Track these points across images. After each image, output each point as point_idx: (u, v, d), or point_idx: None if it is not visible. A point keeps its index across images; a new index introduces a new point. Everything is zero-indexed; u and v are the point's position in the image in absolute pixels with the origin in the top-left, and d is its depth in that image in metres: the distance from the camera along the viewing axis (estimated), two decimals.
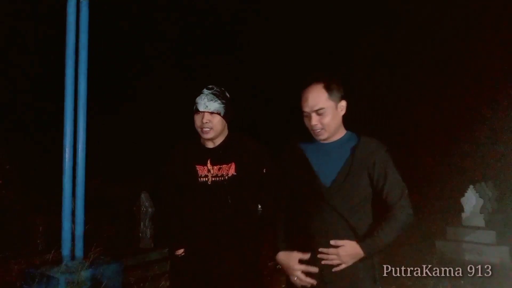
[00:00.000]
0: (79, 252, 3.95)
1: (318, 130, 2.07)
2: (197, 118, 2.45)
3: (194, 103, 2.46)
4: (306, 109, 2.08)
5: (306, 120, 2.12)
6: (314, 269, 2.01)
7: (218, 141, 2.51)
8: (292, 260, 2.07)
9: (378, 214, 2.08)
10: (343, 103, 2.10)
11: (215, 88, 2.48)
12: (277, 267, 6.41)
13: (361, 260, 1.99)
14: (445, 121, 12.84)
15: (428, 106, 13.11)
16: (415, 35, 13.60)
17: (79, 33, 3.94)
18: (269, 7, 14.66)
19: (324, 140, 2.12)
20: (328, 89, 2.06)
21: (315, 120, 2.06)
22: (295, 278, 2.05)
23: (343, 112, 2.11)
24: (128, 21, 13.16)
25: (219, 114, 2.44)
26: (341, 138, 2.13)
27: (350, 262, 1.98)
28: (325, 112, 2.05)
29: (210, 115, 2.42)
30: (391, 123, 11.19)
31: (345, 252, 1.97)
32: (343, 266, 1.98)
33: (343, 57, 13.22)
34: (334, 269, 1.99)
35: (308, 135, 2.16)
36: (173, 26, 14.31)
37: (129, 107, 12.91)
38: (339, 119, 2.11)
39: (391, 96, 13.14)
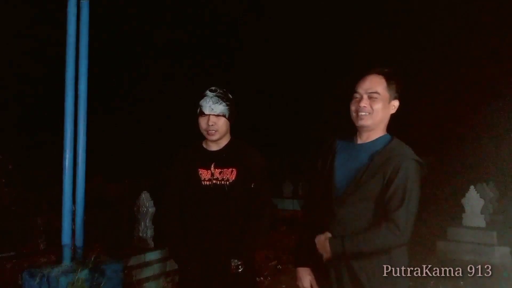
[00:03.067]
0: (79, 252, 3.95)
1: (364, 114, 1.98)
2: (202, 121, 2.45)
3: (198, 105, 2.46)
4: (360, 90, 2.00)
5: (353, 103, 2.03)
6: None
7: (222, 143, 2.53)
8: (304, 280, 2.10)
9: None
10: (396, 103, 2.03)
11: (218, 90, 2.48)
12: (278, 267, 6.35)
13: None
14: (447, 122, 12.83)
15: (429, 106, 13.10)
16: (418, 34, 13.60)
17: (79, 33, 3.93)
18: (270, 9, 14.67)
19: (366, 129, 2.02)
20: (388, 80, 2.01)
21: (365, 102, 1.98)
22: None
23: (393, 111, 2.04)
24: (129, 21, 13.16)
25: (224, 116, 2.45)
26: (375, 140, 2.02)
27: (326, 254, 1.94)
28: (378, 98, 1.98)
29: (216, 118, 2.43)
30: (392, 123, 11.18)
31: (318, 242, 1.96)
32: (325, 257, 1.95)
33: (343, 57, 13.21)
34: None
35: (349, 132, 2.09)
36: (175, 26, 14.32)
37: (130, 107, 12.93)
38: (387, 115, 2.03)
39: None
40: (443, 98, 13.04)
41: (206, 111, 2.42)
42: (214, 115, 2.42)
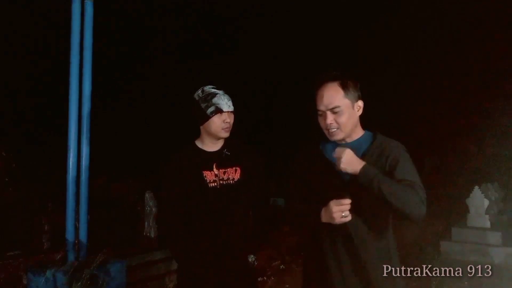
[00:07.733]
0: (83, 251, 3.97)
1: (333, 130, 1.99)
2: (219, 119, 2.42)
3: (210, 104, 2.41)
4: (321, 107, 1.99)
5: (320, 120, 2.03)
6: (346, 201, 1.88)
7: (220, 143, 2.52)
8: (330, 206, 1.91)
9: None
10: (360, 103, 2.02)
11: (221, 89, 2.50)
12: (281, 267, 6.35)
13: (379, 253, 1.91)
14: (451, 122, 12.80)
15: (432, 106, 13.07)
16: (419, 34, 13.56)
17: (83, 33, 3.96)
18: (270, 7, 14.67)
19: (340, 141, 2.04)
20: (344, 87, 1.98)
21: (330, 119, 1.97)
22: (342, 214, 1.89)
23: (359, 112, 2.03)
24: (132, 21, 13.21)
25: (233, 112, 2.50)
26: (358, 139, 2.05)
27: (348, 168, 1.85)
28: (341, 110, 1.96)
29: (231, 114, 2.47)
30: (395, 123, 11.16)
31: (343, 155, 1.86)
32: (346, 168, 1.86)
33: (344, 56, 13.18)
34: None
35: (323, 136, 2.08)
36: (177, 26, 14.35)
37: (133, 106, 12.96)
38: (355, 119, 2.02)
39: (395, 96, 13.10)
40: (446, 98, 13.00)
41: (225, 109, 2.42)
42: (231, 112, 2.45)
